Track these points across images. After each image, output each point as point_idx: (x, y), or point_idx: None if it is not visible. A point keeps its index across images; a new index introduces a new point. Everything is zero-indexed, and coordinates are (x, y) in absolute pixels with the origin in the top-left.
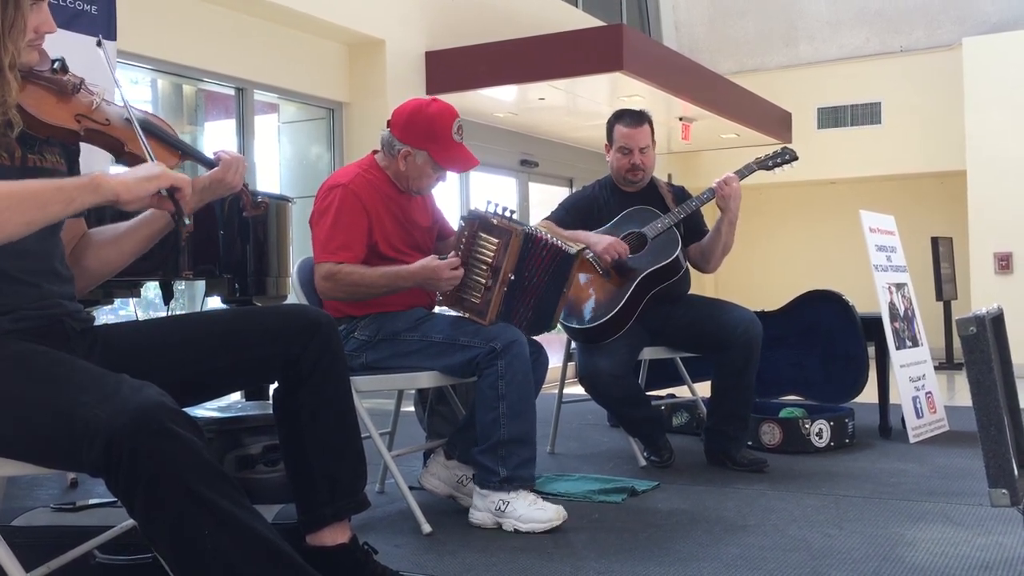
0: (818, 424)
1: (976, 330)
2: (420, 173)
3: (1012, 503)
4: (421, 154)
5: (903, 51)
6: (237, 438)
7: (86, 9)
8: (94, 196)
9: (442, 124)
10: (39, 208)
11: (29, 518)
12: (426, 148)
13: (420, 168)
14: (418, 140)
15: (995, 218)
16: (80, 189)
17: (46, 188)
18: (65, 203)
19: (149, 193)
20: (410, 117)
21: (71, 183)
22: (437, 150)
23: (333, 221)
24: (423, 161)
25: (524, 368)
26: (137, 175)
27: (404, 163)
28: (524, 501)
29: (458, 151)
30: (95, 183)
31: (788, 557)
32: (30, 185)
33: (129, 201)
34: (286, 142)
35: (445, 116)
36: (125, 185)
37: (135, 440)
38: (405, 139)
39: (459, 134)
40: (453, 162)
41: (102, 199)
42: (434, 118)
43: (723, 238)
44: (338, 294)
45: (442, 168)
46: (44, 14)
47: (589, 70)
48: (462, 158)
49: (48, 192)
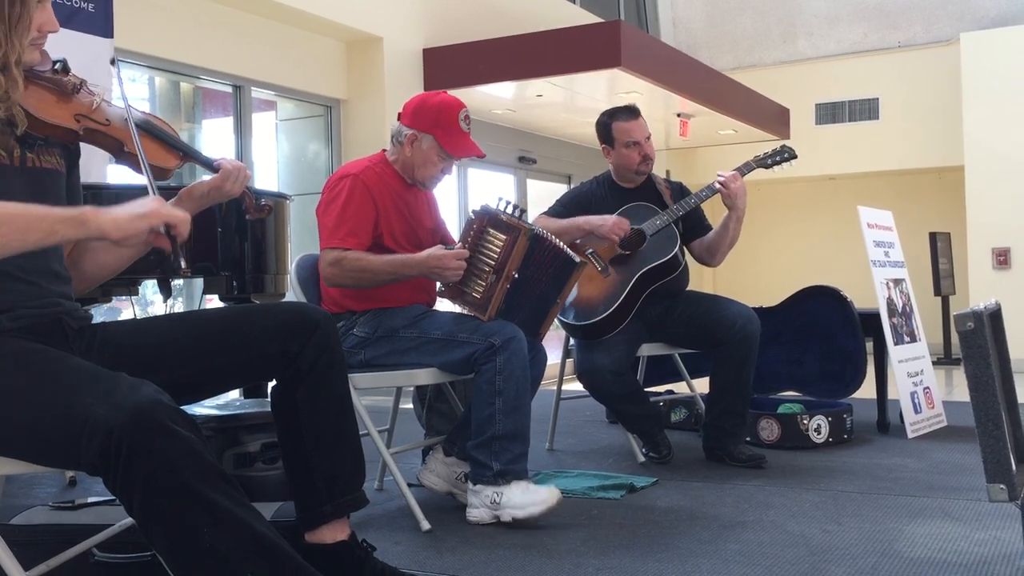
0: (816, 420)
1: (974, 325)
2: (425, 159)
3: (1010, 498)
4: (427, 138)
5: (901, 47)
6: (235, 436)
7: (84, 7)
8: (78, 231)
9: (449, 111)
10: (18, 232)
11: (27, 516)
12: (432, 133)
13: (425, 154)
14: (425, 125)
15: (993, 213)
16: (64, 222)
17: (29, 215)
18: (46, 233)
19: (141, 231)
20: (419, 104)
21: (56, 214)
22: (443, 135)
23: (342, 209)
24: (428, 146)
25: (522, 364)
26: (130, 212)
27: (411, 148)
28: (517, 489)
29: (463, 139)
30: (82, 218)
31: (786, 553)
32: (12, 208)
33: (118, 239)
34: (284, 139)
35: (453, 104)
36: (115, 223)
37: (133, 438)
38: (413, 124)
39: (466, 123)
40: (458, 148)
41: (87, 235)
42: (442, 105)
43: (731, 234)
44: (344, 280)
45: (447, 154)
46: (48, 13)
47: (587, 67)
48: (467, 146)
49: (30, 219)
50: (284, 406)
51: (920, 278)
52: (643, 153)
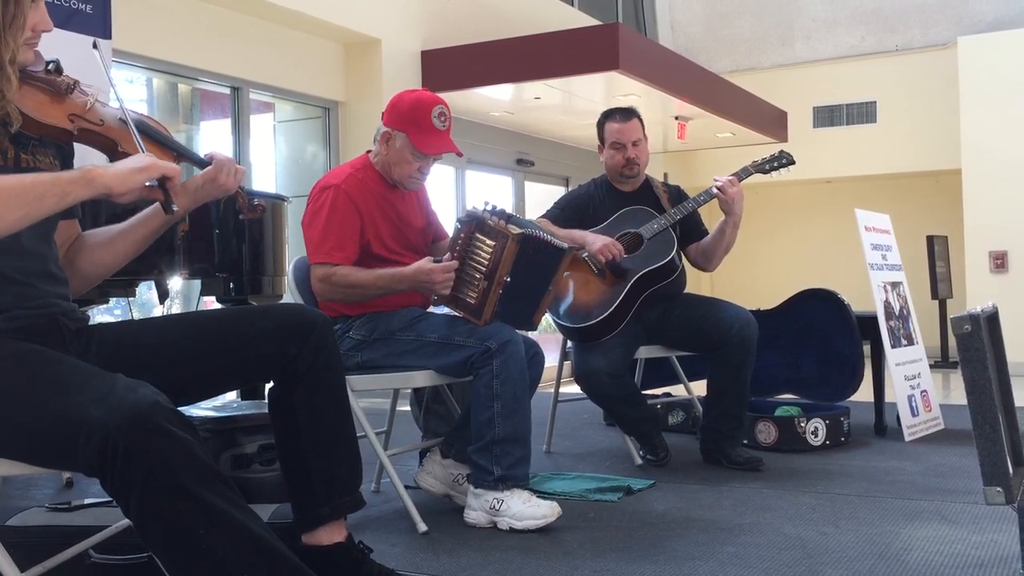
0: (813, 423)
1: (971, 329)
2: (400, 158)
3: (1006, 501)
4: (400, 136)
5: (898, 50)
6: (232, 437)
7: (81, 8)
8: (88, 190)
9: (422, 108)
10: (35, 201)
11: (24, 518)
12: (405, 130)
13: (399, 152)
14: (398, 122)
15: (990, 217)
16: (74, 183)
17: (41, 181)
18: (60, 196)
19: (140, 184)
20: (395, 101)
21: (65, 176)
22: (415, 132)
23: (326, 222)
24: (401, 144)
25: (519, 367)
26: (128, 166)
27: (385, 147)
28: (518, 499)
29: (437, 136)
30: (88, 176)
31: (783, 555)
32: (25, 179)
33: (122, 193)
34: (282, 141)
35: (427, 101)
36: (118, 177)
37: (130, 439)
38: (387, 121)
39: (441, 120)
40: (429, 146)
41: (95, 192)
42: (416, 101)
43: (727, 238)
44: (334, 296)
45: (419, 151)
46: (41, 12)
47: (585, 69)
48: (440, 143)
49: (43, 185)
50: (281, 408)
51: (917, 281)
52: (626, 156)
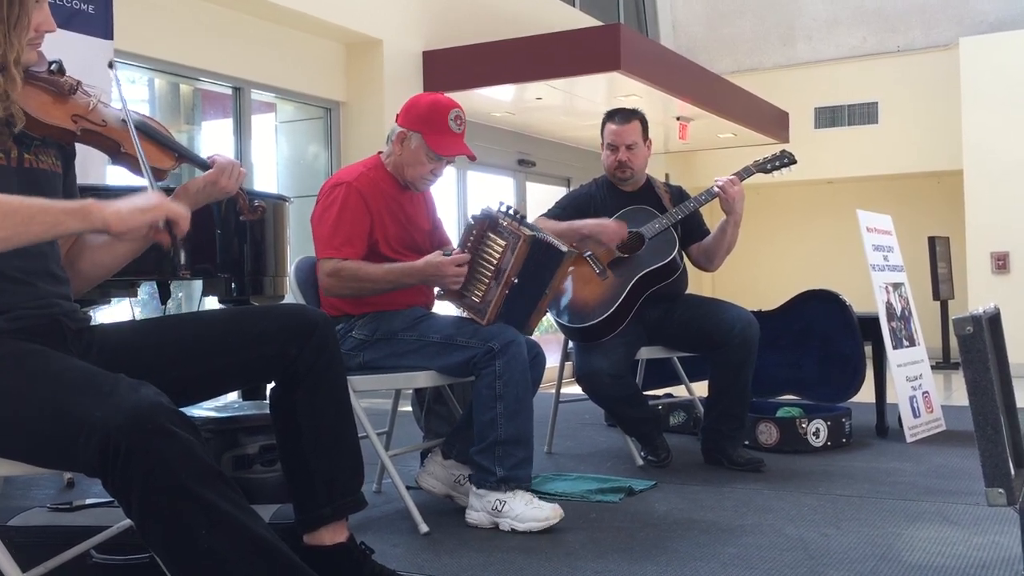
0: (815, 424)
1: (972, 330)
2: (414, 159)
3: (1008, 502)
4: (415, 136)
5: (900, 51)
6: (234, 438)
7: (83, 8)
8: (81, 223)
9: (439, 110)
10: (22, 224)
11: (26, 518)
12: (420, 130)
13: (414, 153)
14: (414, 123)
15: (992, 218)
16: (68, 214)
17: (32, 206)
18: (50, 225)
19: (143, 225)
20: (412, 103)
21: (59, 206)
22: (430, 133)
23: (336, 218)
24: (416, 145)
25: (521, 368)
26: (132, 205)
27: (400, 147)
28: (521, 501)
29: (452, 138)
30: (85, 211)
31: (785, 557)
32: (14, 200)
33: (121, 232)
34: (283, 142)
35: (444, 104)
36: (118, 215)
37: (131, 439)
38: (404, 123)
39: (457, 124)
40: (444, 148)
41: (91, 227)
42: (433, 104)
43: (728, 238)
44: (342, 290)
45: (434, 153)
46: (45, 13)
47: (586, 70)
48: (455, 146)
49: (33, 210)
50: (283, 408)
51: (919, 282)
52: (618, 159)
